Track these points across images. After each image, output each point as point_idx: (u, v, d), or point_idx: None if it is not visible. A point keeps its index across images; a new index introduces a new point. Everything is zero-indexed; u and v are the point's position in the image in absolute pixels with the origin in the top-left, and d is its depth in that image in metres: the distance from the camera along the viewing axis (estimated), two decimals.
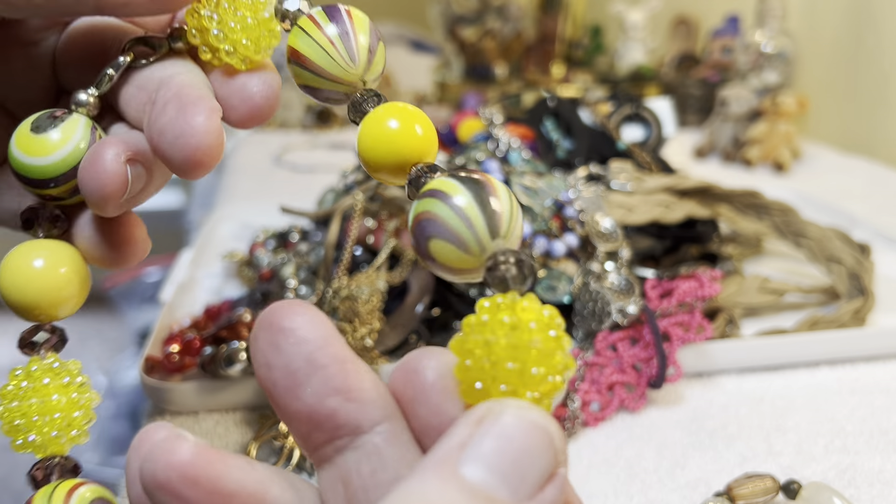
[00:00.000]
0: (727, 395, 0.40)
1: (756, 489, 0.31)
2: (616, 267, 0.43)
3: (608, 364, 0.40)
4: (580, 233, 0.44)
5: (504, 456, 0.13)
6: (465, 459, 0.13)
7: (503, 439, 0.13)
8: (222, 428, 0.38)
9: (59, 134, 0.20)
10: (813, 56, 1.07)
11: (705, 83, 1.11)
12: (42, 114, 0.20)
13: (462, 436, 0.13)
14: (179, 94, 0.20)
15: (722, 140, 0.95)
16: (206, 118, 0.19)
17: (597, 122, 0.61)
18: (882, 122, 0.94)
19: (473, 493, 0.13)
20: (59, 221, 0.21)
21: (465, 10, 1.20)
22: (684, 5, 1.31)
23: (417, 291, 0.43)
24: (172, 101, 0.20)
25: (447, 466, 0.13)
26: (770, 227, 0.55)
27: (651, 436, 0.37)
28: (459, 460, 0.13)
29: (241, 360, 0.37)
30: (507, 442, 0.13)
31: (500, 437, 0.13)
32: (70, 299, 0.20)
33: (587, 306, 0.42)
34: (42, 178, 0.20)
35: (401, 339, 0.41)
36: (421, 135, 0.18)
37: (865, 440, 0.36)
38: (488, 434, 0.13)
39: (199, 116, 0.19)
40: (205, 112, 0.19)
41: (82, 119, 0.20)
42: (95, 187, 0.20)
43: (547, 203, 0.44)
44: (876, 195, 0.77)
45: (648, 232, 0.50)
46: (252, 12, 0.21)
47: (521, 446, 0.13)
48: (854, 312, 0.46)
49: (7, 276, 0.19)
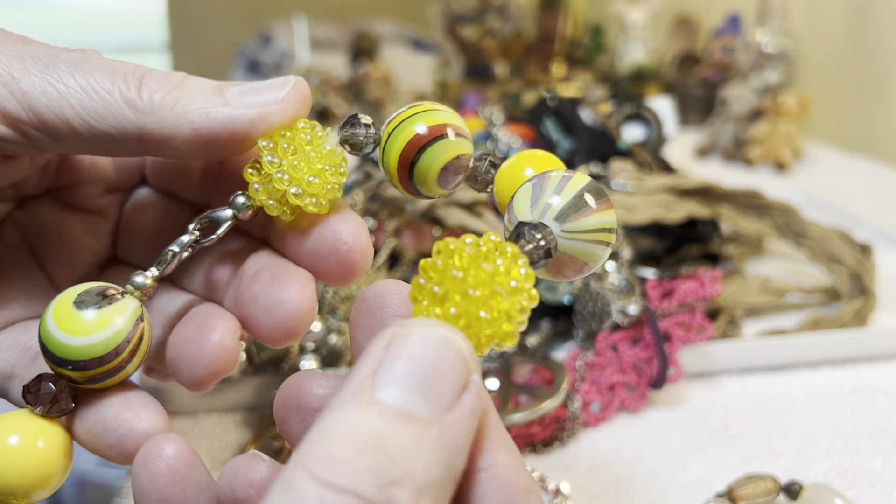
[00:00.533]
0: (728, 396, 0.40)
1: (757, 490, 0.31)
2: (617, 267, 0.43)
3: (609, 364, 0.40)
4: None
5: (417, 373, 0.14)
6: (379, 384, 0.13)
7: (413, 358, 0.14)
8: (221, 429, 0.38)
9: (102, 316, 0.18)
10: (814, 55, 1.06)
11: (706, 83, 1.11)
12: (92, 288, 0.19)
13: (373, 362, 0.14)
14: (272, 263, 0.20)
15: (723, 140, 0.94)
16: (300, 287, 0.20)
17: (597, 121, 0.61)
18: (883, 121, 0.94)
19: (395, 414, 0.13)
20: (61, 403, 0.19)
21: (465, 10, 1.20)
22: (685, 4, 1.31)
23: None
24: (266, 270, 0.20)
25: (364, 393, 0.13)
26: (771, 227, 0.55)
27: (652, 436, 0.37)
28: (374, 385, 0.13)
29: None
30: (417, 360, 0.14)
31: (410, 357, 0.14)
32: (44, 484, 0.18)
33: (587, 306, 0.42)
34: (64, 357, 0.18)
35: None
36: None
37: (867, 441, 0.36)
38: (398, 356, 0.14)
39: (294, 286, 0.19)
40: (299, 280, 0.20)
41: (133, 304, 0.19)
42: (204, 363, 0.19)
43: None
44: (877, 195, 0.77)
45: (649, 232, 0.50)
46: (314, 146, 0.20)
47: (431, 362, 0.14)
48: (855, 313, 0.46)
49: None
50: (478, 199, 0.44)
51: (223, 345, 0.19)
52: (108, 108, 0.19)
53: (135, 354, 0.19)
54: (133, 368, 0.19)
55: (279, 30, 1.61)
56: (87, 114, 0.19)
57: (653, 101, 0.79)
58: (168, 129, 0.19)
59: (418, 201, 0.42)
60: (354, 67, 1.19)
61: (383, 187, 0.43)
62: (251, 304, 0.20)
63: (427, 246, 0.43)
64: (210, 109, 0.19)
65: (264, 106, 0.20)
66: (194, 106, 0.19)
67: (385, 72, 1.14)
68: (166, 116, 0.19)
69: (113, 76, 0.19)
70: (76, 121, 0.19)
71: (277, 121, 0.20)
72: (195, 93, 0.19)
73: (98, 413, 0.19)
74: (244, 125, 0.19)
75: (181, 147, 0.19)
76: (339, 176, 0.20)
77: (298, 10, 1.51)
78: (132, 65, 0.20)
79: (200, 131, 0.19)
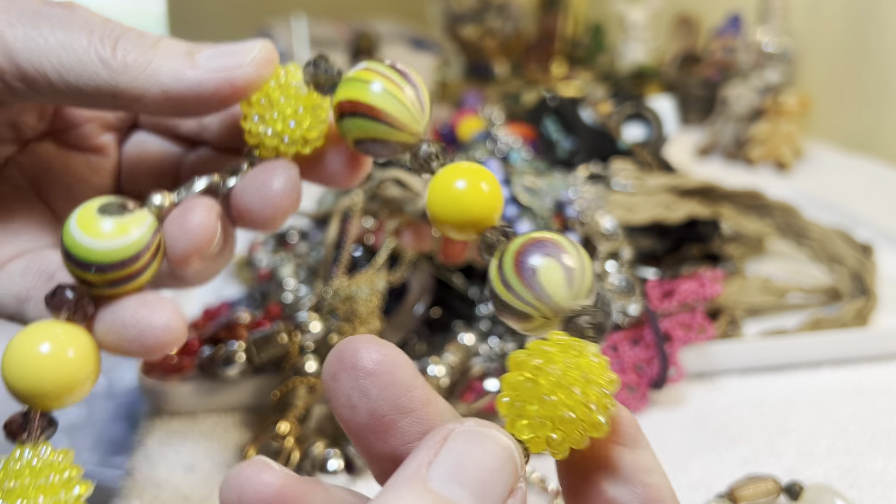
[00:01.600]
0: (729, 396, 0.40)
1: (758, 491, 0.31)
2: (617, 267, 0.43)
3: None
4: (581, 232, 0.44)
5: (469, 471, 0.14)
6: (433, 474, 0.14)
7: (467, 456, 0.14)
8: (221, 429, 0.38)
9: (122, 223, 0.19)
10: (815, 55, 1.06)
11: (707, 82, 1.10)
12: (114, 199, 0.20)
13: (429, 453, 0.14)
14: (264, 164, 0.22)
15: (724, 139, 0.94)
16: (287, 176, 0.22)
17: (598, 121, 0.61)
18: (885, 120, 0.94)
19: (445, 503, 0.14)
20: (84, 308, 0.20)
21: (465, 9, 1.20)
22: (686, 4, 1.31)
23: (417, 292, 0.43)
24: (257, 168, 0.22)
25: (418, 481, 0.14)
26: (772, 227, 0.55)
27: (652, 437, 0.37)
28: (428, 476, 0.14)
29: (239, 361, 0.37)
30: (471, 458, 0.14)
31: (465, 454, 0.14)
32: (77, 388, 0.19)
33: None
34: (87, 260, 0.19)
35: (400, 340, 0.41)
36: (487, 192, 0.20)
37: (868, 441, 0.36)
38: (454, 451, 0.14)
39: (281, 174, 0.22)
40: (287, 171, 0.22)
41: (150, 218, 0.20)
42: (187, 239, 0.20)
43: (547, 203, 0.44)
44: (879, 194, 0.76)
45: (650, 231, 0.49)
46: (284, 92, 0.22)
47: (484, 461, 0.14)
48: (856, 313, 0.46)
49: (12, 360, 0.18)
50: None
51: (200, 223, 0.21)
52: (84, 65, 0.20)
53: (152, 262, 0.20)
54: (150, 276, 0.20)
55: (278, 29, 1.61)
56: (64, 70, 0.20)
57: (654, 100, 0.79)
58: (139, 89, 0.20)
59: (418, 201, 0.41)
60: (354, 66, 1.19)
61: (383, 187, 0.43)
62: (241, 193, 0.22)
63: (427, 246, 0.43)
64: (179, 72, 0.20)
65: (230, 70, 0.21)
66: (164, 68, 0.20)
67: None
68: (137, 77, 0.20)
69: (91, 35, 0.20)
70: (54, 76, 0.20)
71: (242, 84, 0.21)
72: (166, 55, 0.20)
73: (116, 314, 0.20)
74: (209, 88, 0.20)
75: (152, 106, 0.20)
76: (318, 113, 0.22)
77: (298, 8, 1.51)
78: (112, 23, 0.21)
79: (170, 93, 0.20)
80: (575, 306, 0.18)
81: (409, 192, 0.41)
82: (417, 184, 0.41)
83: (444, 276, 0.44)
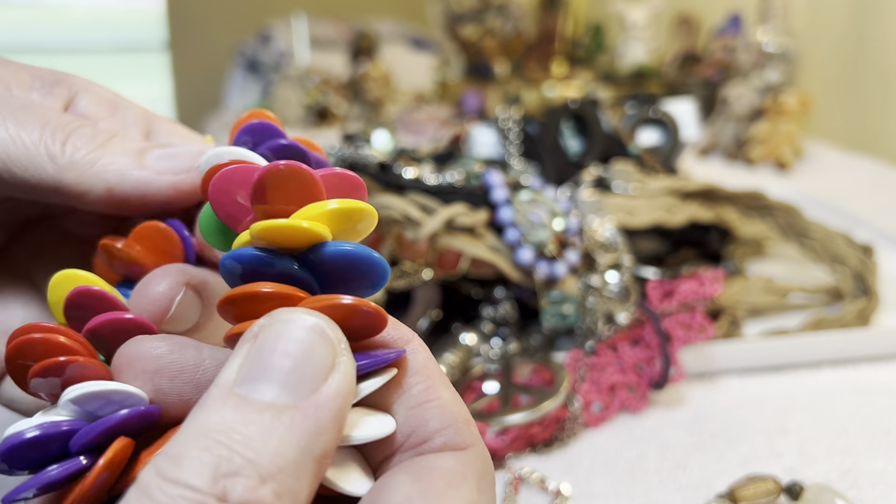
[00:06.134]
0: (729, 396, 0.40)
1: (758, 491, 0.31)
2: (619, 277, 0.43)
3: (609, 365, 0.40)
4: (580, 248, 0.43)
5: (273, 364, 0.14)
6: (240, 379, 0.14)
7: (271, 348, 0.14)
8: None
9: None
10: (815, 54, 1.06)
11: (707, 82, 1.10)
12: None
13: (238, 357, 0.14)
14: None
15: (724, 139, 0.94)
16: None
17: (611, 125, 0.60)
18: (885, 120, 0.94)
19: (248, 406, 0.14)
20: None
21: (465, 9, 1.20)
22: (686, 4, 1.31)
23: (422, 306, 0.43)
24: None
25: (225, 389, 0.14)
26: (774, 227, 0.55)
27: (653, 437, 0.37)
28: (236, 381, 0.14)
29: None
30: (275, 350, 0.14)
31: (269, 347, 0.14)
32: None
33: (584, 323, 0.42)
34: None
35: None
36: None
37: (868, 441, 0.36)
38: (259, 347, 0.14)
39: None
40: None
41: None
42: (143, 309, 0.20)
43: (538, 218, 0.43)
44: (879, 194, 0.76)
45: (651, 234, 0.49)
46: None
47: (288, 349, 0.14)
48: (858, 313, 0.46)
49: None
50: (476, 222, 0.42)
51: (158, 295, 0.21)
52: (31, 159, 0.20)
53: None
54: None
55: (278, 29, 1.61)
56: (11, 162, 0.20)
57: (674, 103, 0.77)
58: (84, 185, 0.20)
59: (421, 228, 0.40)
60: (354, 66, 1.19)
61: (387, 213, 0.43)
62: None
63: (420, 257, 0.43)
64: (125, 171, 0.20)
65: (176, 173, 0.21)
66: (112, 166, 0.20)
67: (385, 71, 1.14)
68: (83, 174, 0.20)
69: (43, 129, 0.20)
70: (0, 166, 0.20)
71: (187, 189, 0.21)
72: (116, 153, 0.21)
73: None
74: (153, 189, 0.21)
75: (96, 203, 0.21)
76: None
77: (298, 8, 1.51)
78: (67, 119, 0.21)
79: (114, 191, 0.20)
80: None
81: (411, 222, 0.40)
82: (418, 214, 0.41)
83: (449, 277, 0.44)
